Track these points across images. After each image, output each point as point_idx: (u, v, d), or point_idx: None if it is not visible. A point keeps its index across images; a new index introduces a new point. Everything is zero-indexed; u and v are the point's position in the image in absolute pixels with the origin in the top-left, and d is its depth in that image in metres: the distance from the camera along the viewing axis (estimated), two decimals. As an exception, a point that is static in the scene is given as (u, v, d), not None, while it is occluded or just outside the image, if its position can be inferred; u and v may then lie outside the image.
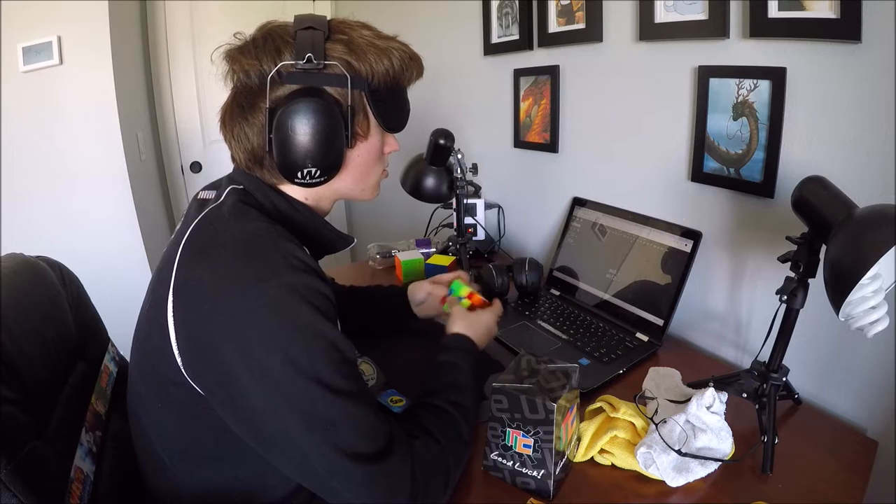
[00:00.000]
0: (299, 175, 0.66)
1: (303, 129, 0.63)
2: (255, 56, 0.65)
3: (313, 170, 0.66)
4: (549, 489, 0.70)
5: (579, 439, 0.78)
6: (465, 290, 1.00)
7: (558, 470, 0.71)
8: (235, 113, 0.68)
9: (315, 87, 0.65)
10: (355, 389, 0.59)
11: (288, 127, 0.63)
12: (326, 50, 0.65)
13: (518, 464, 0.72)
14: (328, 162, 0.67)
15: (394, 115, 0.73)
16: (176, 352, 0.59)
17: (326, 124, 0.64)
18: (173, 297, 0.60)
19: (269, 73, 0.64)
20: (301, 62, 0.63)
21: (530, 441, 0.70)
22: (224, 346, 0.56)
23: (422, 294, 1.08)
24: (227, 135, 0.70)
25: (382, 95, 0.70)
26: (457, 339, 0.85)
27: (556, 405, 0.66)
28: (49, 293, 0.80)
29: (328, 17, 0.68)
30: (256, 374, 0.56)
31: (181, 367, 0.60)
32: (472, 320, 0.90)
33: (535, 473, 0.71)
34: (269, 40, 0.65)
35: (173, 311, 0.59)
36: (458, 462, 0.68)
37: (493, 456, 0.74)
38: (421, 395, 0.74)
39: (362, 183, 0.76)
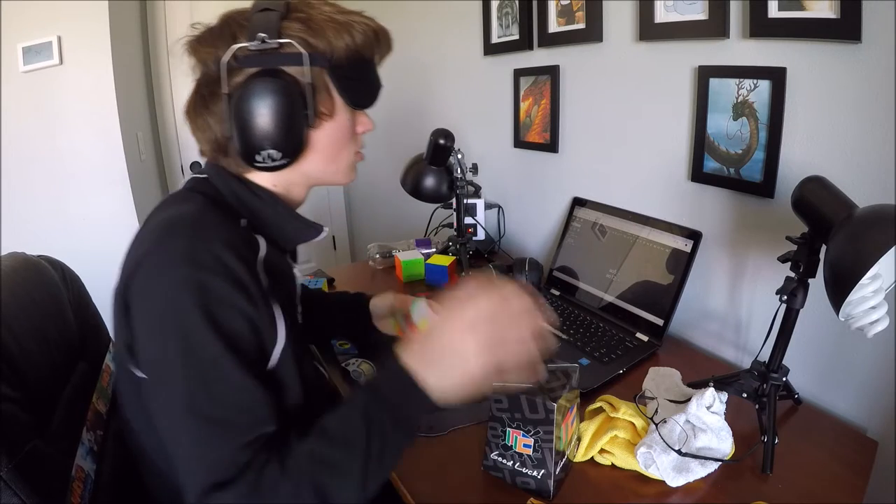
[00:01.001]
0: (258, 158, 0.63)
1: (259, 111, 0.61)
2: (211, 44, 0.63)
3: (273, 152, 0.63)
4: (549, 489, 0.70)
5: (579, 439, 0.78)
6: (421, 319, 0.88)
7: (558, 470, 0.71)
8: (198, 104, 0.66)
9: (272, 69, 0.62)
10: (213, 415, 0.53)
11: (244, 110, 0.61)
12: (282, 29, 0.63)
13: (518, 464, 0.72)
14: (288, 143, 0.64)
15: (360, 90, 0.70)
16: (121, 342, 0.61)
17: (282, 104, 0.61)
18: (118, 280, 0.61)
19: (225, 58, 0.62)
20: (256, 44, 0.62)
21: (530, 441, 0.70)
22: (134, 318, 0.57)
23: (384, 307, 1.01)
24: (192, 126, 0.68)
25: (347, 72, 0.67)
26: (391, 373, 0.56)
27: (556, 405, 0.67)
28: (50, 292, 0.80)
29: None
30: (144, 354, 0.58)
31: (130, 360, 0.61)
32: (428, 348, 0.55)
33: (535, 473, 0.71)
34: (225, 27, 0.64)
35: (113, 294, 0.61)
36: None
37: (493, 456, 0.74)
38: (295, 431, 0.56)
39: (333, 165, 0.72)
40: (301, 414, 0.64)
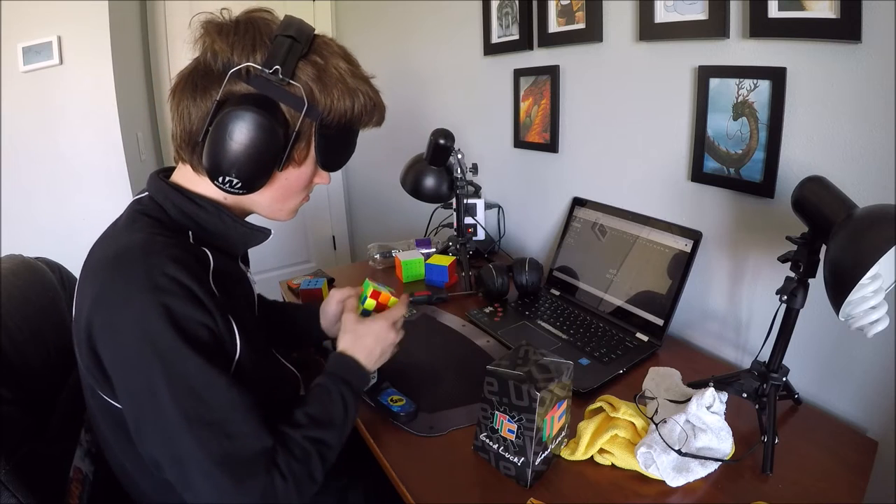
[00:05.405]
0: (220, 180, 0.63)
1: (240, 138, 0.60)
2: (229, 42, 0.62)
3: (235, 180, 0.63)
4: (527, 478, 0.71)
5: (578, 438, 0.78)
6: (369, 289, 0.87)
7: (538, 461, 0.71)
8: (188, 87, 0.64)
9: (271, 99, 0.62)
10: (213, 418, 0.57)
11: (227, 128, 0.60)
12: (297, 69, 0.63)
13: (502, 447, 0.74)
14: (253, 178, 0.64)
15: (334, 154, 0.71)
16: (87, 370, 0.61)
17: (265, 142, 0.61)
18: (75, 314, 0.61)
19: (235, 66, 0.61)
20: (268, 70, 0.61)
21: (514, 427, 0.71)
22: (105, 353, 0.58)
23: (333, 306, 0.94)
24: (174, 104, 0.66)
25: (331, 132, 0.68)
26: (336, 360, 0.76)
27: (539, 394, 0.67)
28: (48, 295, 0.80)
29: (315, 32, 0.66)
30: (126, 392, 0.58)
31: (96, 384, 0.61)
32: (358, 332, 0.79)
33: (515, 460, 0.72)
34: (248, 33, 0.63)
35: (75, 328, 0.61)
36: (301, 498, 0.63)
37: (482, 437, 0.76)
38: (285, 423, 0.66)
39: (280, 204, 0.73)
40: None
